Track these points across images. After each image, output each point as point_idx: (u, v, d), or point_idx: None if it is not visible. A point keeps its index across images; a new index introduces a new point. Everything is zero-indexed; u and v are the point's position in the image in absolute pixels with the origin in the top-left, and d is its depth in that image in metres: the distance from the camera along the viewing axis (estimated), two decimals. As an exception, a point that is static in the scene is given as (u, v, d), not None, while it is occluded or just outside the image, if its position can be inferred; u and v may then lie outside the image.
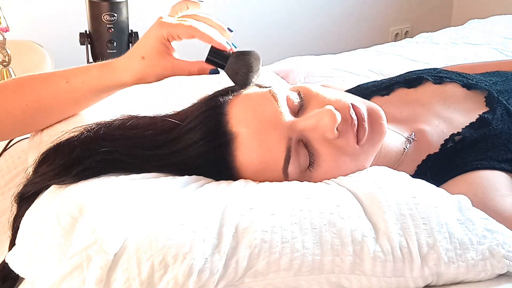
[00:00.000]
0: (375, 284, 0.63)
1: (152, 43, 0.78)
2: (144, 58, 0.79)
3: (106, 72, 0.83)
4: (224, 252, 0.61)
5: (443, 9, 3.27)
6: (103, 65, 0.84)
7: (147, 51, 0.79)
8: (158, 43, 0.78)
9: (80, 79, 0.83)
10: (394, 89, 1.01)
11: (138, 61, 0.79)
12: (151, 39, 0.78)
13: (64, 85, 0.84)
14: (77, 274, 0.61)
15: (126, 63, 0.82)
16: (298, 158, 0.74)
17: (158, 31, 0.77)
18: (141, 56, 0.79)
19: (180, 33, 0.77)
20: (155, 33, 0.78)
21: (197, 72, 0.81)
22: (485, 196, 0.77)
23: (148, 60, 0.79)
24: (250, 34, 2.65)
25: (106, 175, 0.74)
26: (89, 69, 0.84)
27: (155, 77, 0.82)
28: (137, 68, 0.80)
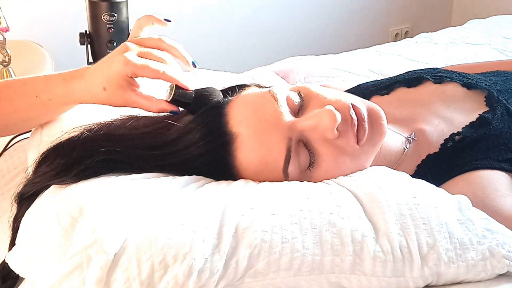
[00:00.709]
0: (375, 284, 0.63)
1: (114, 77, 0.77)
2: (106, 90, 0.78)
3: (71, 93, 0.82)
4: (224, 252, 0.61)
5: (443, 9, 3.27)
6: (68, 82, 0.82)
7: (109, 84, 0.77)
8: (120, 79, 0.76)
9: (48, 96, 0.83)
10: (394, 88, 1.01)
11: (101, 91, 0.78)
12: (114, 73, 0.76)
13: (35, 99, 0.83)
14: (77, 274, 0.61)
15: (89, 89, 0.80)
16: (298, 158, 0.74)
17: (122, 68, 0.75)
18: (103, 87, 0.78)
19: (146, 74, 0.76)
20: (119, 69, 0.76)
21: (156, 112, 0.80)
22: (485, 196, 0.77)
23: (110, 92, 0.78)
24: (250, 34, 2.66)
25: (106, 175, 0.74)
26: (55, 86, 0.82)
27: (119, 105, 0.81)
28: (100, 97, 0.79)
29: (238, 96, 0.78)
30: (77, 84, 0.80)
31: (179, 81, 0.77)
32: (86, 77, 0.80)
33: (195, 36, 2.48)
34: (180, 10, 2.41)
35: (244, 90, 0.81)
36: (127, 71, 0.75)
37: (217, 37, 2.55)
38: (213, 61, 2.28)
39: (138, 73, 0.76)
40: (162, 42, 0.80)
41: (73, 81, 0.81)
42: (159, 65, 0.76)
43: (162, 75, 0.76)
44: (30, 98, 0.83)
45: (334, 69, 1.52)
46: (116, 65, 0.76)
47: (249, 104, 0.76)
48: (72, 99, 0.83)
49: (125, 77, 0.76)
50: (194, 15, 2.46)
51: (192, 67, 0.80)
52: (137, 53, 0.77)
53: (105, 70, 0.77)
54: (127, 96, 0.78)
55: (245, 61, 2.32)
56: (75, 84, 0.81)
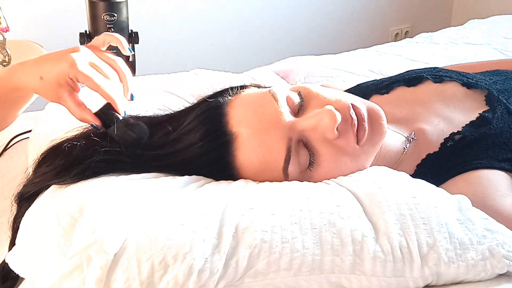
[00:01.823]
0: (375, 284, 0.63)
1: (55, 72, 0.77)
2: (42, 79, 0.78)
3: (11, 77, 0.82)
4: (224, 252, 0.61)
5: (443, 9, 3.27)
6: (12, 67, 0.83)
7: (48, 75, 0.78)
8: (61, 76, 0.77)
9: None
10: (394, 88, 1.01)
11: (36, 79, 0.79)
12: (57, 69, 0.77)
13: None
14: (77, 274, 0.61)
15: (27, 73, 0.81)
16: (298, 158, 0.74)
17: (67, 68, 0.76)
18: (40, 76, 0.79)
19: (87, 84, 0.77)
20: (63, 68, 0.76)
21: (79, 119, 0.80)
22: (485, 196, 0.77)
23: (45, 83, 0.79)
24: (250, 34, 2.65)
25: (106, 175, 0.74)
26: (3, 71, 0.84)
27: (49, 98, 0.82)
28: (34, 84, 0.80)
29: (238, 96, 0.78)
30: (18, 67, 0.82)
31: (114, 101, 0.77)
32: (28, 63, 0.81)
33: (195, 36, 2.48)
34: (180, 10, 2.41)
35: (244, 90, 0.81)
36: (70, 72, 0.76)
37: (217, 37, 2.55)
38: (213, 61, 2.28)
39: (80, 80, 0.77)
40: (115, 63, 0.81)
41: (16, 66, 0.83)
42: (101, 80, 0.77)
43: (100, 91, 0.77)
44: None
45: (334, 69, 1.52)
46: (63, 63, 0.76)
47: (249, 104, 0.76)
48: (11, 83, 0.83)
49: (66, 77, 0.77)
50: (194, 15, 2.46)
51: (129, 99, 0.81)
52: (88, 62, 0.78)
53: (50, 63, 0.78)
54: (60, 93, 0.79)
55: (245, 61, 2.32)
56: (16, 67, 0.82)
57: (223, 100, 0.78)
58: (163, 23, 2.34)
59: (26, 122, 1.08)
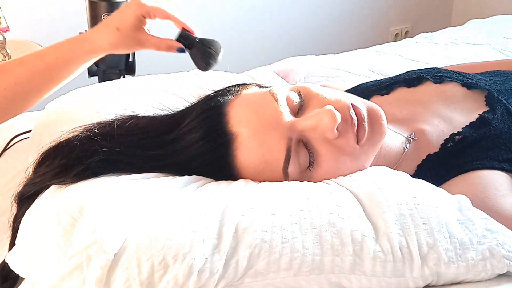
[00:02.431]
0: (375, 284, 0.63)
1: (129, 17, 0.83)
2: (119, 30, 0.83)
3: (79, 43, 0.87)
4: (224, 252, 0.61)
5: (443, 9, 3.27)
6: (74, 38, 0.88)
7: (123, 24, 0.83)
8: (134, 18, 0.83)
9: (54, 55, 0.87)
10: (394, 88, 1.01)
11: (113, 32, 0.84)
12: (129, 14, 0.83)
13: (39, 63, 0.87)
14: (77, 274, 0.61)
15: (100, 33, 0.86)
16: (298, 158, 0.74)
17: (136, 8, 0.82)
18: (116, 27, 0.83)
19: (157, 13, 0.83)
20: (133, 9, 0.82)
21: (165, 49, 0.87)
22: (485, 196, 0.77)
23: (123, 32, 0.84)
24: (250, 34, 2.65)
25: (106, 175, 0.74)
26: (62, 44, 0.88)
27: (127, 48, 0.87)
28: (111, 38, 0.85)
29: (238, 96, 0.78)
30: (88, 34, 0.86)
31: (186, 24, 0.85)
32: (95, 28, 0.86)
33: (195, 36, 2.47)
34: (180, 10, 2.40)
35: (244, 89, 0.81)
36: (141, 11, 0.82)
37: (217, 37, 2.54)
38: (213, 61, 2.27)
39: (150, 13, 0.83)
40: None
41: (81, 35, 0.87)
42: (169, 8, 0.84)
43: (172, 17, 0.84)
44: (33, 64, 0.87)
45: (334, 69, 1.52)
46: (131, 7, 0.82)
47: (249, 104, 0.76)
48: (81, 49, 0.86)
49: (139, 16, 0.83)
50: (194, 15, 2.45)
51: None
52: None
53: (118, 14, 0.84)
54: (139, 35, 0.85)
55: (245, 61, 2.31)
56: (84, 35, 0.87)
57: (223, 100, 0.78)
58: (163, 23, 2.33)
59: (26, 122, 1.08)
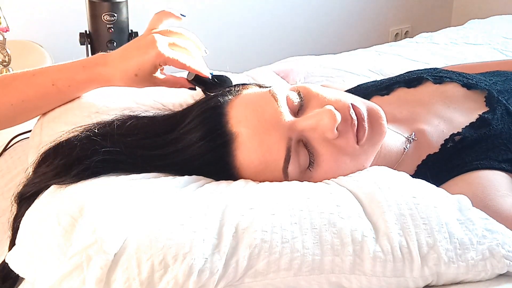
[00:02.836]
0: (375, 284, 0.63)
1: (147, 67, 0.85)
2: (137, 76, 0.86)
3: (95, 78, 0.87)
4: (224, 252, 0.61)
5: (443, 9, 3.27)
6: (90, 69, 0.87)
7: (141, 71, 0.85)
8: (153, 68, 0.85)
9: (67, 83, 0.87)
10: (394, 89, 1.01)
11: (131, 77, 0.86)
12: (147, 62, 0.84)
13: (50, 88, 0.87)
14: (77, 274, 0.61)
15: (118, 74, 0.86)
16: (298, 158, 0.74)
17: (156, 58, 0.84)
18: (135, 73, 0.85)
19: (174, 64, 0.85)
20: (152, 60, 0.84)
21: (179, 87, 0.91)
22: (485, 196, 0.77)
23: (140, 77, 0.86)
24: (250, 34, 2.65)
25: (106, 175, 0.74)
26: (76, 73, 0.87)
27: (143, 86, 0.90)
28: (129, 82, 0.87)
29: (238, 96, 0.78)
30: (102, 70, 0.87)
31: (200, 72, 0.87)
32: (110, 63, 0.86)
33: (195, 36, 2.47)
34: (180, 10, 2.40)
35: (244, 89, 0.81)
36: (160, 61, 0.84)
37: (217, 37, 2.55)
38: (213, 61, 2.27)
39: (168, 64, 0.85)
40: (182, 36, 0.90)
41: (96, 67, 0.87)
42: (185, 59, 0.86)
43: (187, 68, 0.86)
44: (45, 87, 0.87)
45: (334, 69, 1.52)
46: (150, 56, 0.84)
47: (249, 104, 0.76)
48: (96, 84, 0.88)
49: (157, 66, 0.85)
50: (194, 15, 2.46)
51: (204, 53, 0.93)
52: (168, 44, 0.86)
53: (139, 59, 0.85)
54: (155, 80, 0.88)
55: (245, 61, 2.31)
56: (99, 70, 0.87)
57: (223, 100, 0.78)
58: (163, 23, 2.34)
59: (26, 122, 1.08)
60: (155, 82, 0.88)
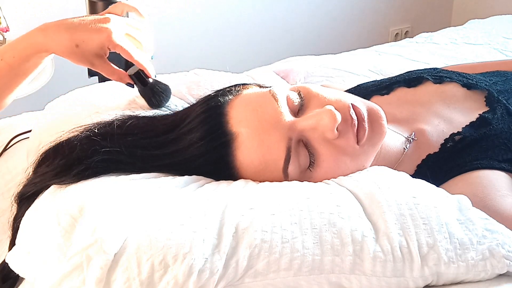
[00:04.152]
0: (375, 284, 0.63)
1: (93, 43, 0.83)
2: (78, 47, 0.83)
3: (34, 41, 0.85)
4: (224, 252, 0.61)
5: (443, 9, 3.27)
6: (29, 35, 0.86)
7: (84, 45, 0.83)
8: (98, 46, 0.83)
9: (11, 54, 0.87)
10: (394, 88, 1.01)
11: (70, 46, 0.83)
12: (94, 40, 0.82)
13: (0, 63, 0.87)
14: (77, 274, 0.61)
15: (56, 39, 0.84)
16: (298, 158, 0.74)
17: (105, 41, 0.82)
18: (76, 44, 0.83)
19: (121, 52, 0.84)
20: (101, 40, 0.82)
21: (116, 79, 0.88)
22: (485, 196, 0.77)
23: (80, 50, 0.84)
24: (250, 34, 2.65)
25: (106, 175, 0.74)
26: (18, 43, 0.87)
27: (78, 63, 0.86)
28: (66, 49, 0.84)
29: (239, 96, 0.78)
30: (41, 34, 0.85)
31: (146, 69, 0.86)
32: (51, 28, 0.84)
33: (195, 36, 2.48)
34: (180, 10, 2.41)
35: (244, 89, 0.81)
36: (109, 44, 0.82)
37: (217, 37, 2.55)
38: (213, 61, 2.28)
39: (116, 50, 0.83)
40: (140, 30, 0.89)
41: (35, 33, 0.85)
42: (135, 51, 0.84)
43: (134, 60, 0.85)
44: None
45: (334, 69, 1.52)
46: (101, 35, 0.82)
47: (249, 104, 0.76)
48: (35, 49, 0.86)
49: (104, 47, 0.83)
50: (194, 15, 2.46)
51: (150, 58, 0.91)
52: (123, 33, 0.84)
53: (85, 32, 0.82)
54: (94, 60, 0.85)
55: (245, 61, 2.32)
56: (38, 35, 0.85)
57: (223, 100, 0.78)
58: (163, 23, 2.34)
59: (26, 122, 1.08)
60: (93, 63, 0.85)
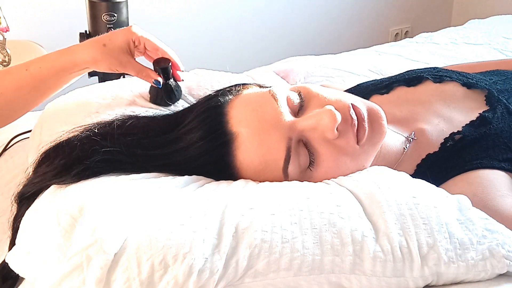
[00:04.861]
0: (375, 284, 0.63)
1: (117, 38, 0.84)
2: (105, 46, 0.85)
3: (63, 54, 0.88)
4: (224, 252, 0.61)
5: (443, 9, 3.27)
6: (61, 49, 0.88)
7: (111, 42, 0.85)
8: (123, 40, 0.84)
9: (38, 65, 0.88)
10: (394, 88, 1.01)
11: (99, 47, 0.85)
12: (119, 35, 0.85)
13: (24, 73, 0.87)
14: (77, 274, 0.61)
15: (86, 47, 0.87)
16: (298, 158, 0.74)
17: (127, 32, 0.84)
18: (104, 43, 0.85)
19: (146, 43, 0.85)
20: (124, 32, 0.84)
21: (143, 77, 0.88)
22: (485, 196, 0.77)
23: (108, 49, 0.85)
24: (250, 34, 2.65)
25: (106, 175, 0.74)
26: (48, 55, 0.89)
27: (108, 66, 0.87)
28: (95, 53, 0.86)
29: (239, 96, 0.78)
30: (74, 46, 0.87)
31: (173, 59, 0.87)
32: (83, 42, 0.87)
33: (195, 36, 2.47)
34: (180, 10, 2.40)
35: (244, 89, 0.81)
36: (132, 36, 0.84)
37: (217, 37, 2.55)
38: (213, 61, 2.28)
39: (142, 41, 0.84)
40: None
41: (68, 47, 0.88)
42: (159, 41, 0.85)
43: (161, 50, 0.85)
44: (19, 73, 0.88)
45: (334, 69, 1.52)
46: (122, 31, 0.84)
47: (249, 104, 0.76)
48: (64, 60, 0.87)
49: (128, 41, 0.84)
50: (194, 15, 2.46)
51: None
52: None
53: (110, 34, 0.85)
54: (123, 57, 0.86)
55: (245, 61, 2.31)
56: (70, 47, 0.87)
57: (223, 99, 0.78)
58: (163, 23, 2.34)
59: (26, 122, 1.08)
60: (122, 62, 0.86)
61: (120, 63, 0.86)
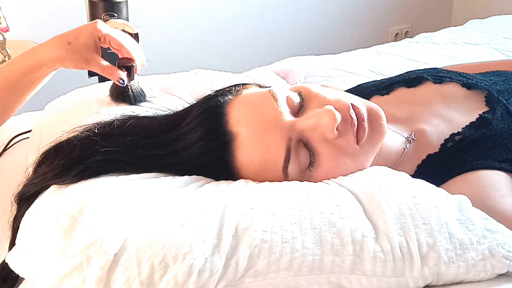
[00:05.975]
0: (375, 284, 0.63)
1: (82, 35, 0.84)
2: (70, 44, 0.84)
3: (30, 54, 0.87)
4: (224, 252, 0.61)
5: (443, 9, 3.27)
6: (28, 50, 0.88)
7: (76, 40, 0.84)
8: (88, 37, 0.84)
9: (8, 68, 0.88)
10: (394, 88, 1.01)
11: (64, 45, 0.84)
12: (84, 32, 0.84)
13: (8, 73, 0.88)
14: (77, 274, 0.61)
15: (50, 45, 0.86)
16: (298, 158, 0.74)
17: (93, 29, 0.83)
18: (68, 41, 0.84)
19: (111, 40, 0.84)
20: (90, 30, 0.83)
21: (107, 75, 0.87)
22: (485, 196, 0.77)
23: (73, 46, 0.84)
24: (250, 34, 2.65)
25: (106, 175, 0.74)
26: (17, 57, 0.88)
27: (73, 64, 0.87)
28: (60, 51, 0.85)
29: (238, 96, 0.78)
30: (38, 46, 0.87)
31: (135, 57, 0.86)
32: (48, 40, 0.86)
33: (195, 36, 2.47)
34: (180, 10, 2.41)
35: (244, 89, 0.81)
36: (98, 33, 0.83)
37: (217, 37, 2.55)
38: (213, 61, 2.28)
39: (107, 38, 0.84)
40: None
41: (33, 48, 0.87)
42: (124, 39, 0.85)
43: (124, 48, 0.85)
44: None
45: (334, 69, 1.52)
46: (89, 28, 0.83)
47: (249, 104, 0.76)
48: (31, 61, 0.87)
49: (94, 38, 0.84)
50: (194, 15, 2.46)
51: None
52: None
53: (74, 31, 0.84)
54: (88, 54, 0.85)
55: (245, 61, 2.32)
56: (36, 47, 0.87)
57: (223, 99, 0.78)
58: (163, 23, 2.34)
59: (26, 122, 1.08)
60: (87, 59, 0.86)
61: (86, 60, 0.86)
